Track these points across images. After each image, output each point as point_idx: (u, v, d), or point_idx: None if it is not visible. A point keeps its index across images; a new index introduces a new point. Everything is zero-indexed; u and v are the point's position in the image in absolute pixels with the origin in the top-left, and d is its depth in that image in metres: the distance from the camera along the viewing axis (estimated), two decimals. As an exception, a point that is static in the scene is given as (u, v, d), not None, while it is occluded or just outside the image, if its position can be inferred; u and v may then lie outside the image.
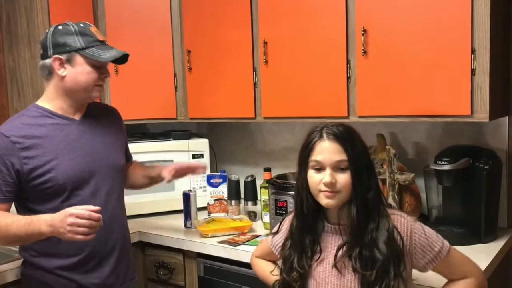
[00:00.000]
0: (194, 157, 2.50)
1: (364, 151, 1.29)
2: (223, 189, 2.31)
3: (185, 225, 2.24)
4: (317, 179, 1.25)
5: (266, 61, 2.12)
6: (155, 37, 2.44)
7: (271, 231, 2.01)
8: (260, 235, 2.05)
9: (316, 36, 1.97)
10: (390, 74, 1.81)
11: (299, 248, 1.32)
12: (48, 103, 1.67)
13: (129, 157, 1.99)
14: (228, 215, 2.30)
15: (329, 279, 1.28)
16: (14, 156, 1.56)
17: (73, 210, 1.42)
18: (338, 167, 1.24)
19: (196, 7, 2.35)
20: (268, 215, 2.04)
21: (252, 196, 2.31)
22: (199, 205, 2.30)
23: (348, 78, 1.91)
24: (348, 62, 1.91)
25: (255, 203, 2.32)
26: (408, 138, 2.16)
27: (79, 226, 1.40)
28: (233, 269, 1.94)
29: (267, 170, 2.27)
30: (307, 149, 1.28)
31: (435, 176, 1.84)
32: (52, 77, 1.65)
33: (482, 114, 1.64)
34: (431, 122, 1.90)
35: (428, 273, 1.32)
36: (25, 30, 2.24)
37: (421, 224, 1.29)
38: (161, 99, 2.47)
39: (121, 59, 1.69)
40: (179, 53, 2.45)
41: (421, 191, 1.96)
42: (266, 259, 1.54)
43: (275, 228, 1.49)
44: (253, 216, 2.30)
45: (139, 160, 2.10)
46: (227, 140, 2.78)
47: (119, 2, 2.43)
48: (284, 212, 1.91)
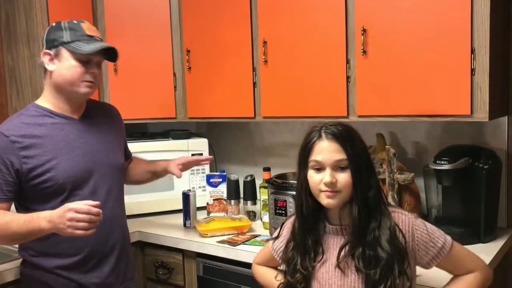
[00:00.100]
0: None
1: (364, 150, 1.28)
2: (222, 189, 2.31)
3: (185, 225, 2.24)
4: (317, 179, 1.25)
5: (266, 61, 2.12)
6: (154, 36, 2.44)
7: (270, 231, 2.01)
8: (260, 235, 2.05)
9: (315, 35, 1.97)
10: (389, 74, 1.81)
11: (301, 249, 1.32)
12: (47, 102, 1.67)
13: (128, 155, 2.00)
14: (227, 214, 2.29)
15: (333, 280, 1.27)
16: (13, 156, 1.56)
17: (72, 205, 1.41)
18: (338, 167, 1.23)
19: (195, 6, 2.35)
20: (268, 214, 2.04)
21: (251, 195, 2.31)
22: (198, 205, 2.30)
23: (348, 77, 1.91)
24: (348, 61, 1.91)
25: (254, 203, 2.31)
26: (407, 137, 2.16)
27: (79, 221, 1.39)
28: (233, 268, 1.93)
29: (267, 169, 2.27)
30: (306, 149, 1.27)
31: (434, 175, 1.84)
32: (46, 75, 1.66)
33: (482, 113, 1.64)
34: (430, 121, 1.90)
35: (429, 273, 1.32)
36: (24, 29, 2.24)
37: (423, 221, 1.28)
38: (160, 99, 2.47)
39: (109, 54, 1.66)
40: (178, 53, 2.45)
41: (420, 190, 1.96)
42: (267, 266, 1.51)
43: (275, 233, 1.48)
44: (252, 215, 2.30)
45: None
46: (226, 140, 2.78)
47: (118, 2, 2.42)
48: (283, 212, 1.90)
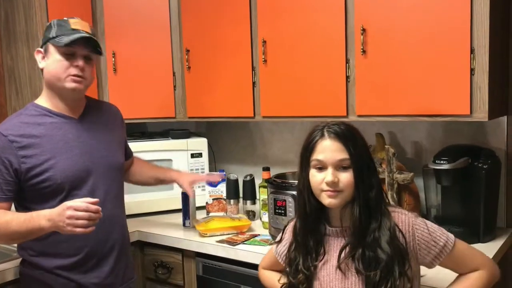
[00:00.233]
0: (192, 156, 2.50)
1: (366, 149, 1.28)
2: (222, 189, 2.31)
3: (184, 224, 2.24)
4: (319, 178, 1.24)
5: (265, 60, 2.12)
6: (154, 36, 2.43)
7: (270, 230, 2.01)
8: (259, 235, 2.05)
9: (315, 35, 1.97)
10: (389, 74, 1.81)
11: (303, 249, 1.31)
12: (46, 101, 1.67)
13: (128, 153, 1.99)
14: (227, 214, 2.29)
15: (334, 283, 1.26)
16: (12, 155, 1.56)
17: (71, 203, 1.41)
18: (340, 166, 1.23)
19: (195, 6, 2.35)
20: (267, 214, 2.04)
21: (251, 195, 2.31)
22: (198, 204, 2.31)
23: (347, 77, 1.91)
24: (347, 61, 1.90)
25: (253, 203, 2.31)
26: (407, 137, 2.16)
27: (78, 218, 1.39)
28: (232, 268, 1.93)
29: (266, 169, 2.28)
30: (308, 148, 1.27)
31: (434, 175, 1.84)
32: (42, 74, 1.66)
33: (481, 113, 1.64)
34: (430, 121, 1.90)
35: (434, 272, 1.31)
36: (23, 28, 2.23)
37: (423, 220, 1.27)
38: (159, 98, 2.47)
39: (93, 47, 1.62)
40: (178, 52, 2.45)
41: (420, 190, 1.96)
42: (273, 270, 1.51)
43: (278, 237, 1.47)
44: (251, 215, 2.30)
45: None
46: (226, 139, 2.78)
47: (118, 1, 2.42)
48: (283, 212, 1.90)
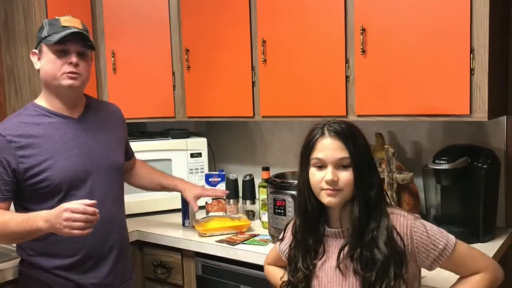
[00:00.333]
0: (192, 156, 2.50)
1: (366, 148, 1.27)
2: (221, 188, 2.31)
3: (183, 224, 2.23)
4: (318, 177, 1.24)
5: (265, 60, 2.12)
6: (153, 36, 2.43)
7: (269, 230, 2.01)
8: (259, 234, 2.05)
9: (315, 35, 1.97)
10: (389, 73, 1.80)
11: (303, 248, 1.31)
12: (45, 102, 1.67)
13: (130, 154, 1.99)
14: (226, 214, 2.29)
15: (332, 284, 1.26)
16: (10, 155, 1.56)
17: (68, 205, 1.40)
18: (340, 165, 1.22)
19: (194, 5, 2.34)
20: (267, 214, 2.04)
21: (250, 195, 2.31)
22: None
23: (347, 77, 1.91)
24: (347, 61, 1.90)
25: (253, 202, 2.31)
26: (406, 137, 2.16)
27: (75, 220, 1.39)
28: (231, 268, 1.93)
29: (266, 169, 2.27)
30: (308, 146, 1.26)
31: (433, 175, 1.84)
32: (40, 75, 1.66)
33: (481, 113, 1.64)
34: (429, 121, 1.90)
35: (434, 273, 1.30)
36: (22, 28, 2.23)
37: (423, 222, 1.24)
38: (159, 98, 2.46)
39: (81, 40, 1.60)
40: (177, 52, 2.44)
41: (419, 190, 1.96)
42: (277, 265, 1.51)
43: (280, 235, 1.47)
44: (251, 215, 2.29)
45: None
46: (225, 139, 2.78)
47: (117, 1, 2.41)
48: (282, 212, 1.90)
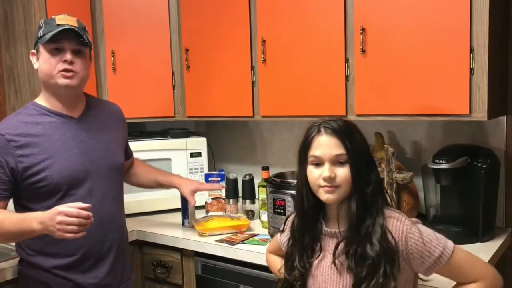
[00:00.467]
0: (192, 155, 2.50)
1: (364, 146, 1.27)
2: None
3: (183, 224, 2.23)
4: (316, 174, 1.24)
5: (265, 60, 2.12)
6: (153, 35, 2.43)
7: (269, 230, 2.01)
8: (258, 234, 2.05)
9: (314, 34, 1.97)
10: (388, 73, 1.80)
11: (299, 246, 1.32)
12: (44, 101, 1.67)
13: (129, 154, 1.99)
14: (226, 213, 2.29)
15: (326, 283, 1.27)
16: (8, 155, 1.56)
17: (62, 208, 1.39)
18: (337, 161, 1.23)
19: (194, 5, 2.34)
20: (266, 213, 2.04)
21: (250, 194, 2.31)
22: (197, 204, 2.29)
23: (347, 77, 1.91)
24: (347, 60, 1.90)
25: (253, 202, 2.31)
26: (406, 137, 2.16)
27: (68, 224, 1.38)
28: (231, 267, 1.93)
29: (265, 168, 2.27)
30: (305, 144, 1.27)
31: (433, 175, 1.84)
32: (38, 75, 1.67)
33: (481, 113, 1.64)
34: (429, 121, 1.90)
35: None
36: (22, 28, 2.23)
37: (420, 228, 1.21)
38: (159, 98, 2.46)
39: (75, 37, 1.59)
40: (177, 52, 2.44)
41: (419, 190, 1.96)
42: (278, 254, 1.53)
43: (282, 226, 1.48)
44: (251, 214, 2.29)
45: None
46: (225, 139, 2.78)
47: (117, 0, 2.41)
48: (282, 211, 1.90)
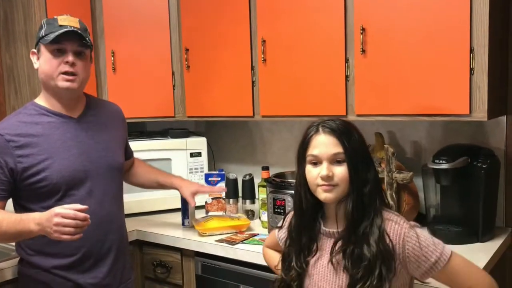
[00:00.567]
0: (192, 155, 2.50)
1: (362, 145, 1.28)
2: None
3: (183, 224, 2.23)
4: (314, 173, 1.24)
5: (265, 60, 2.12)
6: (153, 35, 2.43)
7: (269, 230, 2.01)
8: (258, 234, 2.05)
9: (314, 34, 1.97)
10: (388, 73, 1.80)
11: (297, 246, 1.32)
12: (44, 101, 1.67)
13: (129, 153, 1.99)
14: (226, 213, 2.29)
15: (322, 283, 1.27)
16: (8, 155, 1.55)
17: (59, 210, 1.39)
18: (335, 160, 1.23)
19: (194, 5, 2.34)
20: (266, 213, 2.04)
21: (250, 194, 2.31)
22: (197, 204, 2.29)
23: (347, 76, 1.91)
24: (347, 60, 1.90)
25: (253, 202, 2.31)
26: (406, 137, 2.16)
27: (65, 226, 1.38)
28: (231, 267, 1.93)
29: (265, 168, 2.27)
30: (304, 144, 1.28)
31: (433, 175, 1.84)
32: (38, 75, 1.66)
33: (481, 113, 1.64)
34: (429, 121, 1.90)
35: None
36: (22, 27, 2.23)
37: (417, 233, 1.21)
38: (159, 98, 2.46)
39: (77, 39, 1.59)
40: (177, 51, 2.44)
41: (419, 190, 1.96)
42: (275, 249, 1.53)
43: (280, 222, 1.49)
44: (251, 214, 2.29)
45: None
46: (225, 139, 2.78)
47: (117, 0, 2.41)
48: (282, 211, 1.90)
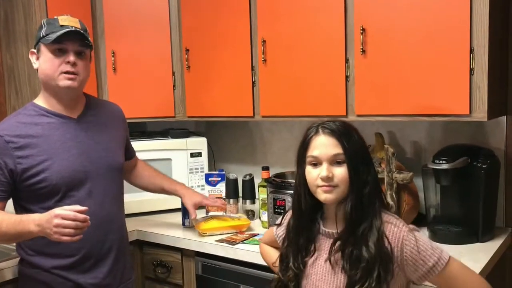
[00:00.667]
0: (192, 155, 2.50)
1: (362, 146, 1.28)
2: (221, 188, 2.31)
3: (183, 224, 2.23)
4: (314, 174, 1.25)
5: (265, 60, 2.12)
6: (153, 35, 2.43)
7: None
8: (258, 234, 2.05)
9: (315, 35, 1.97)
10: (388, 73, 1.81)
11: (294, 247, 1.32)
12: (43, 101, 1.67)
13: (131, 153, 1.99)
14: (226, 213, 2.29)
15: (320, 283, 1.27)
16: (7, 156, 1.55)
17: (58, 211, 1.39)
18: (335, 161, 1.23)
19: (194, 5, 2.35)
20: (266, 213, 2.04)
21: (250, 194, 2.31)
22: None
23: (347, 77, 1.91)
24: (347, 61, 1.90)
25: (253, 202, 2.31)
26: (406, 137, 2.16)
27: (65, 227, 1.38)
28: (231, 267, 1.93)
29: (265, 169, 2.27)
30: (304, 145, 1.28)
31: (433, 175, 1.84)
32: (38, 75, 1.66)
33: (481, 113, 1.64)
34: (429, 121, 1.90)
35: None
36: (22, 27, 2.23)
37: (416, 236, 1.21)
38: (159, 98, 2.47)
39: (78, 39, 1.59)
40: (177, 52, 2.45)
41: (419, 190, 1.96)
42: (272, 246, 1.54)
43: (279, 219, 1.50)
44: (251, 214, 2.30)
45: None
46: (225, 139, 2.78)
47: (117, 1, 2.41)
48: (282, 211, 1.91)
